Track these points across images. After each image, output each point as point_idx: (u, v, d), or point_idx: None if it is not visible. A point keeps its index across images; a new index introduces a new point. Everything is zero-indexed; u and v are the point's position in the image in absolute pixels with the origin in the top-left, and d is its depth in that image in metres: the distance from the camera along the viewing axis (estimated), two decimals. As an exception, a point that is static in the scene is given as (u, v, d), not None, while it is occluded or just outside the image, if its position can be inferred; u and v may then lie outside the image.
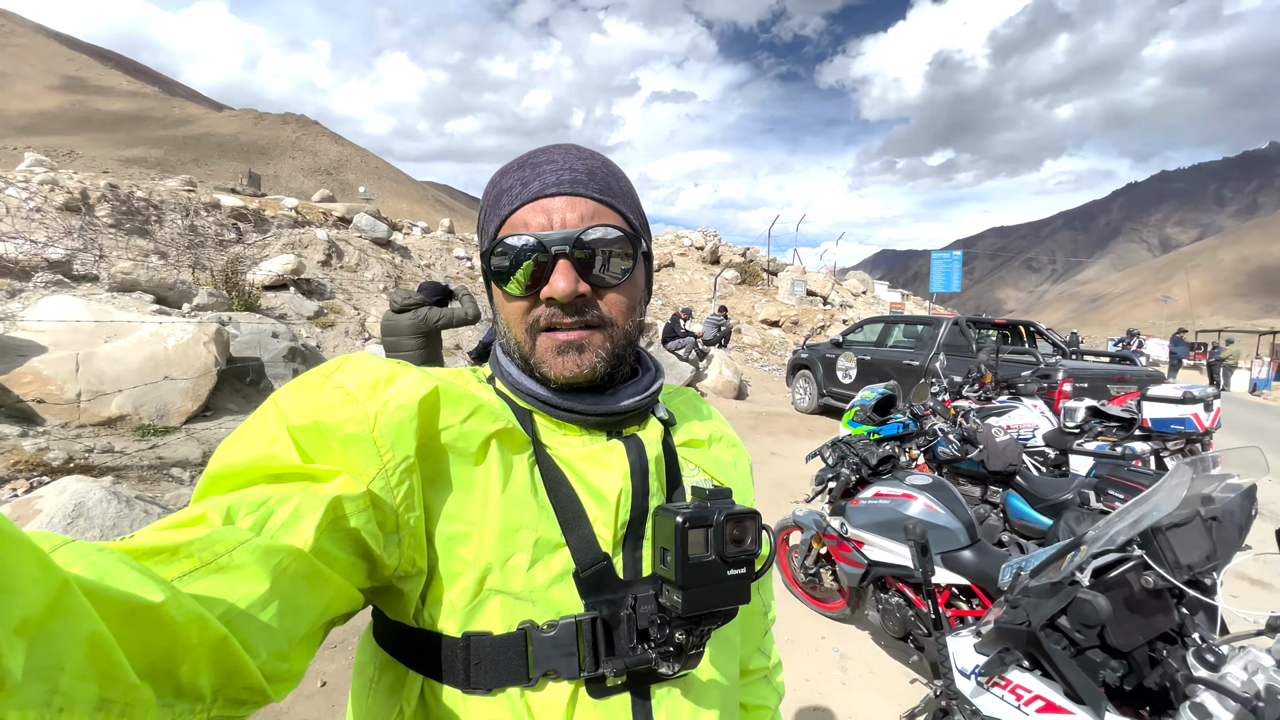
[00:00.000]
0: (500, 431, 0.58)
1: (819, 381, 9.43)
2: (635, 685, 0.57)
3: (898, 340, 8.59)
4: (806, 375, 9.79)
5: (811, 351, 9.85)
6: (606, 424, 0.64)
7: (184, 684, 0.36)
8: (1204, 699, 1.05)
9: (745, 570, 0.53)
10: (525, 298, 0.60)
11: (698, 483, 0.67)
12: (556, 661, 0.55)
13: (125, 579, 0.34)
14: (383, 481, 0.51)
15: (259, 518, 0.45)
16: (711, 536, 0.52)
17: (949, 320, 7.65)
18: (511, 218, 0.61)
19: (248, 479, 0.49)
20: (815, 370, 9.53)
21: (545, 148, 0.64)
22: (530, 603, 0.55)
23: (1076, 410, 4.85)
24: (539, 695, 0.55)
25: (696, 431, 0.72)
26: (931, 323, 7.96)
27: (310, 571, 0.45)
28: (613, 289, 0.61)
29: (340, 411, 0.52)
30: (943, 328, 7.61)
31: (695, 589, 0.51)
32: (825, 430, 8.50)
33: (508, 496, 0.57)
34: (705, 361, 11.41)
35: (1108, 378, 6.34)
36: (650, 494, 0.62)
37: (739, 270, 21.29)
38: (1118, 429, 4.46)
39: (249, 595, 0.41)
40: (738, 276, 21.03)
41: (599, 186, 0.61)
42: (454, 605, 0.55)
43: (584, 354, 0.60)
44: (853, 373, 8.75)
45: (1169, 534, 1.21)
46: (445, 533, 0.55)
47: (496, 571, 0.55)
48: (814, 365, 9.58)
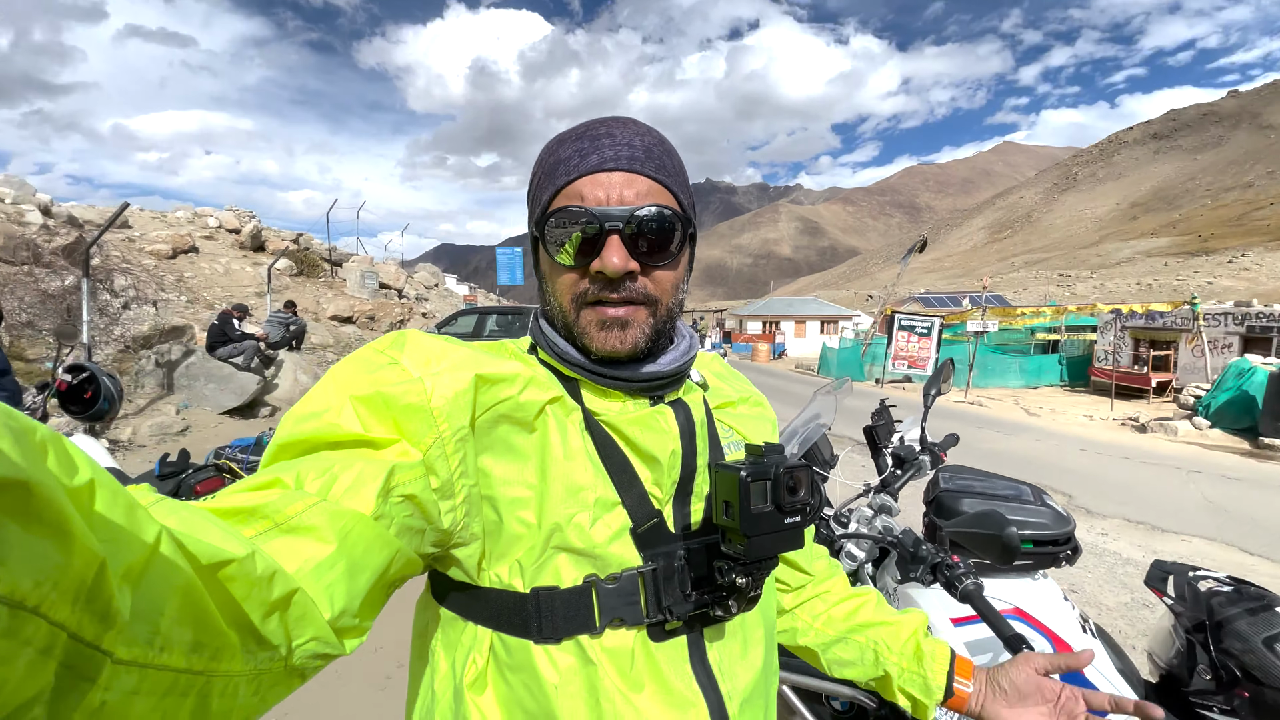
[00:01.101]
0: (553, 400, 0.61)
1: (416, 378, 9.11)
2: (690, 628, 0.62)
3: (492, 330, 8.99)
4: (402, 373, 9.32)
5: (405, 347, 9.43)
6: (649, 389, 0.66)
7: (263, 634, 0.37)
8: (848, 547, 1.42)
9: (800, 518, 0.59)
10: (575, 269, 0.62)
11: (735, 440, 0.72)
12: (622, 610, 0.59)
13: (212, 534, 0.36)
14: (439, 450, 0.54)
15: (325, 483, 0.48)
16: (770, 489, 0.57)
17: (537, 310, 8.42)
18: (567, 188, 0.61)
19: (312, 446, 0.52)
20: (411, 366, 9.17)
21: (604, 119, 0.65)
22: (592, 558, 0.59)
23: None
24: (605, 641, 0.59)
25: (726, 393, 0.76)
26: (521, 312, 8.60)
27: (372, 534, 0.48)
28: (660, 267, 0.63)
29: (400, 385, 0.54)
30: (532, 317, 8.31)
31: (758, 536, 0.57)
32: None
33: (566, 461, 0.60)
34: (273, 369, 9.54)
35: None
36: (697, 453, 0.66)
37: (294, 260, 18.37)
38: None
39: (318, 554, 0.44)
40: (293, 267, 18.12)
41: (655, 165, 0.63)
42: (521, 564, 0.58)
43: (627, 330, 0.62)
44: (451, 365, 8.78)
45: (818, 442, 1.60)
46: (507, 497, 0.58)
47: (562, 530, 0.58)
48: (409, 361, 9.20)
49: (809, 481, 0.59)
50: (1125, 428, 9.77)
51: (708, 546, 0.63)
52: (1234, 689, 1.15)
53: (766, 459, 0.59)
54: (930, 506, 1.43)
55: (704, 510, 0.65)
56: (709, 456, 0.67)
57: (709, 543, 0.63)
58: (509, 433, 0.59)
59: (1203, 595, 1.27)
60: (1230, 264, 47.45)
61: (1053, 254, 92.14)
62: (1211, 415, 9.31)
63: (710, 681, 0.62)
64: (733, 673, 0.64)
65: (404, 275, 23.38)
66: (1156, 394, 12.12)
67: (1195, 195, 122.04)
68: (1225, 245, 60.22)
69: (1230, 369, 9.53)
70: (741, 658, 0.66)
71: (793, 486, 0.58)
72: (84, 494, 0.27)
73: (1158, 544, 4.53)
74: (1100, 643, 1.31)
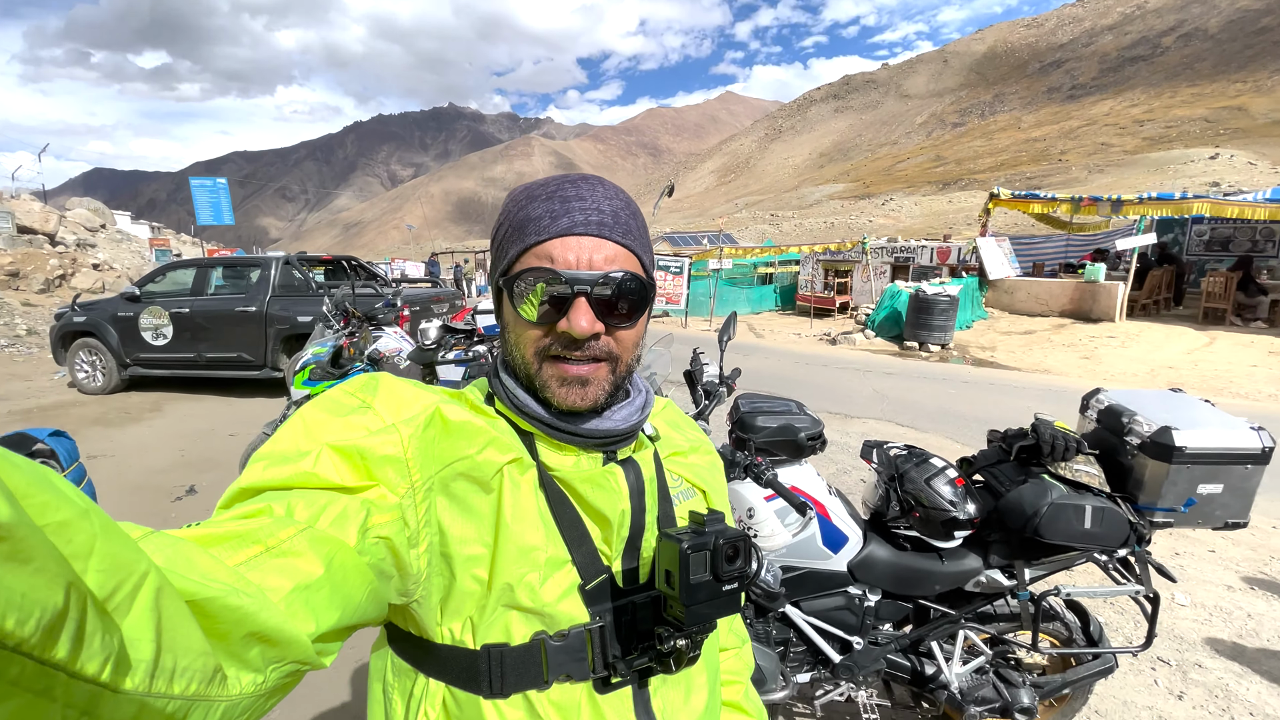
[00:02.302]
0: (511, 461, 0.63)
1: (115, 350, 7.31)
2: (637, 680, 0.66)
3: (220, 286, 7.56)
4: (92, 345, 7.38)
5: (91, 312, 7.44)
6: (603, 445, 0.68)
7: (244, 658, 0.40)
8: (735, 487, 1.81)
9: (736, 585, 0.62)
10: (540, 325, 0.64)
11: (684, 490, 0.76)
12: (569, 666, 0.62)
13: (200, 567, 0.39)
14: (410, 499, 0.57)
15: (314, 513, 0.50)
16: (710, 559, 0.60)
17: (279, 260, 7.30)
18: (537, 248, 0.63)
19: (286, 490, 0.52)
20: (106, 336, 7.30)
21: (574, 180, 0.67)
22: (542, 615, 0.62)
23: (430, 330, 5.81)
24: (552, 695, 0.61)
25: (678, 443, 0.79)
26: (259, 264, 7.37)
27: (354, 564, 0.51)
28: (622, 328, 0.66)
29: (376, 435, 0.57)
30: (274, 269, 7.20)
31: (696, 605, 0.60)
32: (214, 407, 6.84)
33: (519, 521, 0.62)
34: None
35: (430, 299, 7.74)
36: (646, 510, 0.69)
37: None
38: (465, 339, 5.66)
39: (307, 576, 0.46)
40: None
41: (622, 230, 0.65)
42: (473, 620, 0.61)
43: (588, 387, 0.65)
44: (168, 331, 7.22)
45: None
46: (463, 555, 0.60)
47: (513, 590, 0.60)
48: (102, 330, 7.31)
49: (746, 549, 0.63)
50: (822, 341, 12.40)
51: (654, 600, 0.66)
52: (911, 513, 1.81)
53: (707, 528, 0.62)
54: (735, 425, 1.88)
55: (651, 568, 0.67)
56: (659, 511, 0.71)
57: (655, 597, 0.66)
58: (467, 491, 0.61)
59: (892, 458, 1.93)
60: (883, 206, 61.00)
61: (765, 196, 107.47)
62: (876, 328, 12.31)
63: None
64: (676, 719, 0.68)
65: (54, 215, 17.76)
66: (840, 313, 15.47)
67: (861, 149, 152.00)
68: (880, 191, 76.79)
69: (886, 292, 12.63)
70: (684, 704, 0.69)
71: (731, 555, 0.61)
72: (75, 527, 0.28)
73: (850, 427, 6.07)
74: (839, 499, 1.91)
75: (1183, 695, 2.41)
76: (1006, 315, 12.63)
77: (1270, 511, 4.03)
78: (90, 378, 7.45)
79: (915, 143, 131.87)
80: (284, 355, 7.06)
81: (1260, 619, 2.93)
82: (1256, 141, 54.08)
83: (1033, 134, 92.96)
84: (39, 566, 0.25)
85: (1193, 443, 1.66)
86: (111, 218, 25.10)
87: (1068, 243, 16.01)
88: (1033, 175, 60.15)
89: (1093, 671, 1.93)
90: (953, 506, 1.75)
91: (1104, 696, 2.39)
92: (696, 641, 0.65)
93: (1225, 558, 3.53)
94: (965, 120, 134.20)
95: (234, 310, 7.08)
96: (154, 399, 7.28)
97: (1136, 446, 1.76)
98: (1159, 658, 2.62)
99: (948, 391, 7.67)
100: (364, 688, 2.62)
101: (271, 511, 0.48)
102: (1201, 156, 47.70)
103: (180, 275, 7.58)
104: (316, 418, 0.57)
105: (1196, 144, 57.64)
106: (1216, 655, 2.66)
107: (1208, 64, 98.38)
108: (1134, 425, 1.78)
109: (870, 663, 1.86)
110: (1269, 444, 1.68)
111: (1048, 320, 11.83)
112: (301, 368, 3.26)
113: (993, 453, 1.96)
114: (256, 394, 7.44)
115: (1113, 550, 1.74)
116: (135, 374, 7.43)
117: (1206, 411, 1.82)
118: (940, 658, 1.88)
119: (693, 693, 0.70)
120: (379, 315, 5.93)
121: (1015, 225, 29.56)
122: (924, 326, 10.90)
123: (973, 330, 11.95)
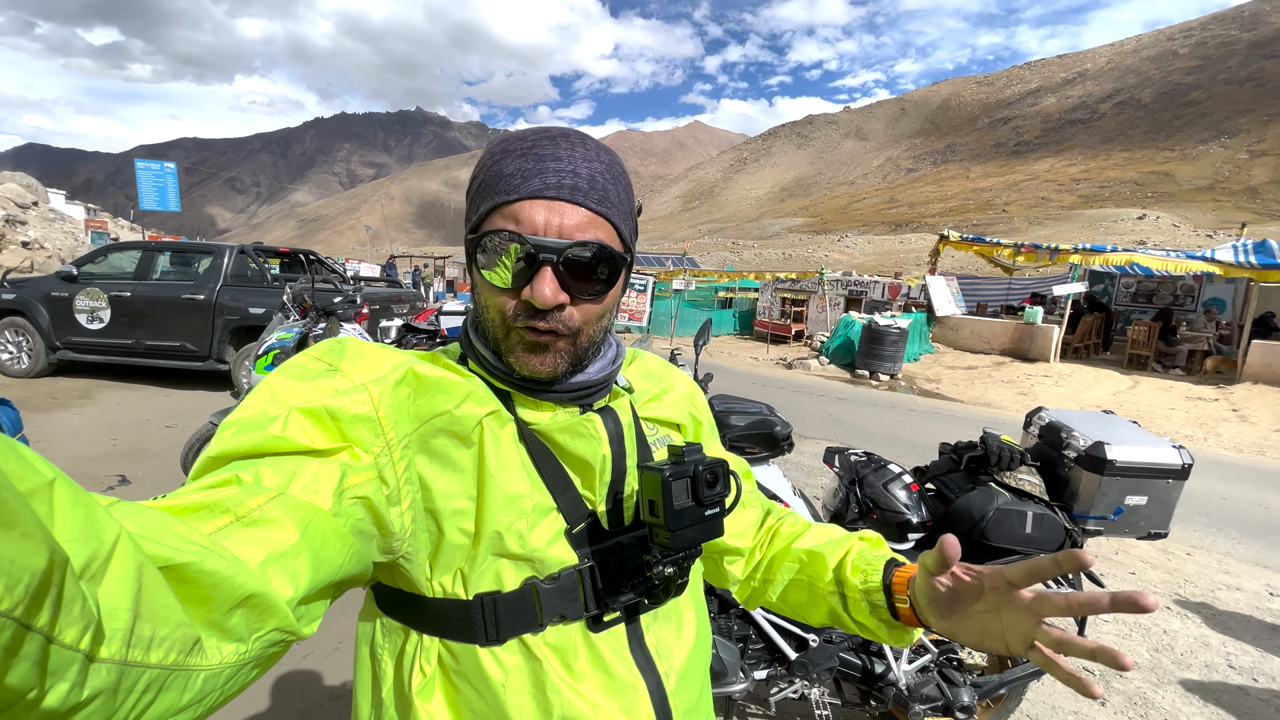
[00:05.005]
0: (490, 414, 0.63)
1: (45, 331, 6.88)
2: (628, 616, 0.67)
3: (166, 271, 7.23)
4: (19, 325, 6.93)
5: (21, 290, 6.99)
6: (578, 398, 0.68)
7: (228, 628, 0.40)
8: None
9: (718, 509, 0.65)
10: (506, 291, 0.61)
11: (660, 438, 0.76)
12: (563, 606, 0.62)
13: (172, 535, 0.38)
14: (387, 457, 0.56)
15: (283, 480, 0.48)
16: (690, 485, 0.63)
17: (233, 249, 7.03)
18: (505, 208, 0.60)
19: (255, 456, 0.50)
20: (36, 316, 6.87)
21: (552, 137, 0.62)
22: (531, 561, 0.62)
23: (391, 329, 5.72)
24: (548, 637, 0.62)
25: (650, 390, 0.79)
26: (211, 251, 7.09)
27: (331, 528, 0.49)
28: (589, 300, 0.62)
29: (344, 396, 0.55)
30: (227, 257, 6.94)
31: (681, 530, 0.62)
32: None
33: (503, 471, 0.61)
34: None
35: (390, 299, 7.60)
36: (626, 455, 0.69)
37: None
38: (426, 339, 5.58)
39: (282, 544, 0.45)
40: None
41: (598, 196, 0.61)
42: (463, 572, 0.60)
43: (547, 354, 0.63)
44: (105, 315, 6.84)
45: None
46: (449, 509, 0.60)
47: (501, 538, 0.60)
48: (32, 310, 6.88)
49: (725, 475, 0.65)
50: (778, 366, 12.70)
51: (639, 540, 0.67)
52: (869, 515, 1.90)
53: (686, 458, 0.64)
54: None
55: (635, 509, 0.68)
56: (637, 458, 0.70)
57: (640, 536, 0.67)
58: (448, 446, 0.60)
59: (852, 463, 2.02)
60: (839, 242, 63.32)
61: (728, 224, 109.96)
62: (830, 355, 12.71)
63: (649, 663, 0.66)
64: (669, 653, 0.68)
65: (-20, 188, 16.61)
66: (795, 340, 15.89)
67: (820, 186, 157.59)
68: (836, 227, 79.77)
69: (841, 322, 13.08)
70: (676, 638, 0.70)
71: (710, 481, 0.64)
72: (42, 495, 0.28)
73: (804, 447, 6.23)
74: (802, 501, 1.99)
75: (1104, 702, 2.57)
76: (951, 350, 13.24)
77: (1185, 539, 4.35)
78: (15, 359, 6.98)
79: (872, 184, 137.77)
80: (231, 348, 6.79)
81: (1175, 635, 3.15)
82: (1181, 205, 58.72)
83: (980, 184, 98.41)
84: (24, 532, 0.25)
85: (1122, 457, 1.82)
86: (45, 195, 23.64)
87: (1009, 286, 16.97)
88: (979, 223, 63.58)
89: (1027, 673, 2.05)
90: (908, 510, 1.85)
91: (1034, 701, 2.53)
92: (684, 568, 0.68)
93: (1144, 579, 3.79)
94: (919, 166, 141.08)
95: (180, 298, 6.77)
96: (84, 385, 6.87)
97: (1073, 459, 1.91)
98: (1085, 666, 2.78)
99: (895, 418, 7.97)
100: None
101: (240, 480, 0.47)
102: (1130, 216, 51.49)
103: (123, 258, 7.20)
104: (283, 383, 0.56)
105: (1127, 204, 62.16)
106: (1136, 667, 2.85)
107: (1139, 130, 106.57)
108: (1071, 440, 1.93)
109: (824, 660, 1.93)
110: (1188, 461, 1.85)
111: (989, 357, 12.46)
112: (265, 352, 3.16)
113: (944, 462, 2.08)
114: (197, 386, 7.10)
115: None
116: (65, 358, 7.00)
117: (1134, 431, 1.99)
118: (890, 656, 1.96)
119: (683, 626, 0.72)
120: (339, 311, 5.80)
121: (962, 267, 31.14)
122: (875, 356, 11.32)
123: (920, 363, 12.47)
